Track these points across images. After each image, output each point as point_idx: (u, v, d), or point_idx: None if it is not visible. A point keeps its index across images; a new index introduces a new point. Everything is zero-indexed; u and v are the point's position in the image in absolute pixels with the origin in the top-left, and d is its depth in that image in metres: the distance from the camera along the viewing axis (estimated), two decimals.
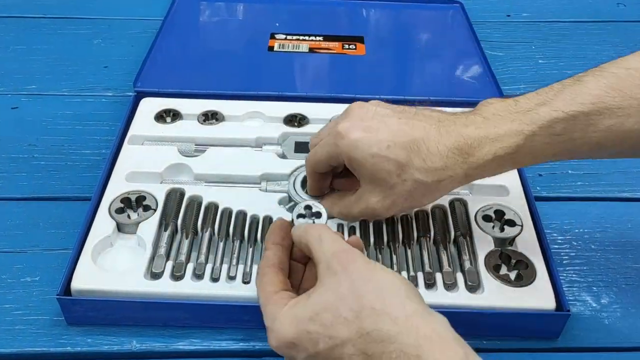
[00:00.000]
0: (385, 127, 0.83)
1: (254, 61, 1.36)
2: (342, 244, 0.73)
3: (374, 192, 0.86)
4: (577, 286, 0.97)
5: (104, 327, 0.89)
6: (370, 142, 0.82)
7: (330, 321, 0.67)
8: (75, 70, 1.38)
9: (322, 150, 0.88)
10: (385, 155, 0.81)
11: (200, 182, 1.04)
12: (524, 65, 1.46)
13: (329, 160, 0.88)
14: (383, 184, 0.84)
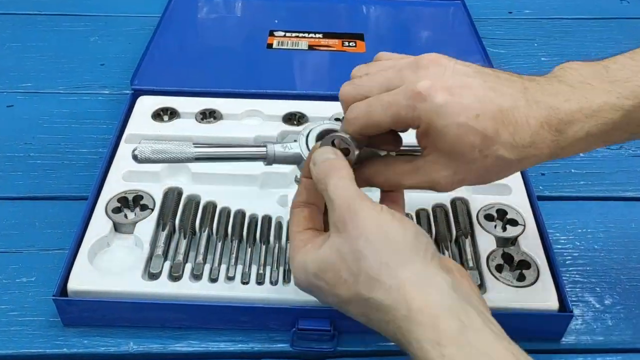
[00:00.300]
0: (469, 91, 0.69)
1: (253, 59, 1.36)
2: (347, 192, 0.68)
3: (445, 165, 0.71)
4: (580, 286, 0.97)
5: (101, 328, 0.89)
6: (457, 109, 0.68)
7: (333, 281, 0.68)
8: (72, 68, 1.38)
9: (388, 111, 0.71)
10: (473, 126, 0.67)
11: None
12: (526, 62, 1.46)
13: (394, 123, 0.72)
14: (460, 158, 0.70)
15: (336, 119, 1.14)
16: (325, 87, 1.26)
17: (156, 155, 0.78)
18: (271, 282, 0.89)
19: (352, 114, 0.73)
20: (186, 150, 0.78)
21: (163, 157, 0.79)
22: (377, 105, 0.72)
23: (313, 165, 0.73)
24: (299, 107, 1.18)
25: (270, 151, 0.80)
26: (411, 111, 0.69)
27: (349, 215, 0.67)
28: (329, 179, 0.70)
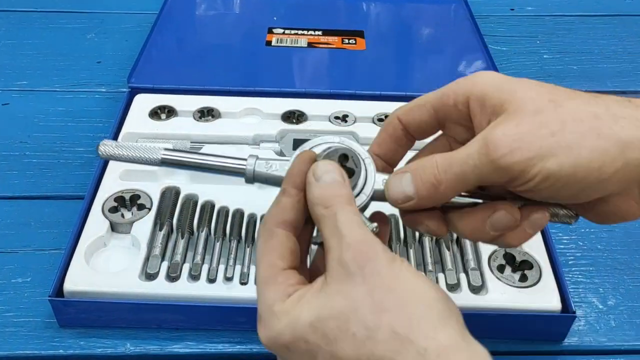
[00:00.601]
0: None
1: (251, 56, 1.36)
2: (362, 231, 0.58)
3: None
4: (583, 287, 0.97)
5: (97, 330, 0.89)
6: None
7: (334, 334, 0.55)
8: (68, 66, 1.38)
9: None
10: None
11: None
12: (528, 60, 1.46)
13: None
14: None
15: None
16: (324, 85, 1.26)
17: (119, 151, 0.71)
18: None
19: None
20: (153, 152, 0.70)
21: (126, 155, 0.71)
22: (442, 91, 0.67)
23: (314, 180, 0.62)
24: (298, 106, 1.18)
25: (250, 168, 0.67)
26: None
27: (365, 258, 0.56)
28: (339, 209, 0.59)
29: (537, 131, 0.57)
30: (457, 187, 0.61)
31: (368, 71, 1.33)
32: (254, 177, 0.67)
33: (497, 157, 0.57)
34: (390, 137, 0.69)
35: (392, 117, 0.69)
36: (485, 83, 0.63)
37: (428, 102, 0.66)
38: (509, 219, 0.63)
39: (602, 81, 1.39)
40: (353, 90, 1.22)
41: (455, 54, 1.40)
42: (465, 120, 0.65)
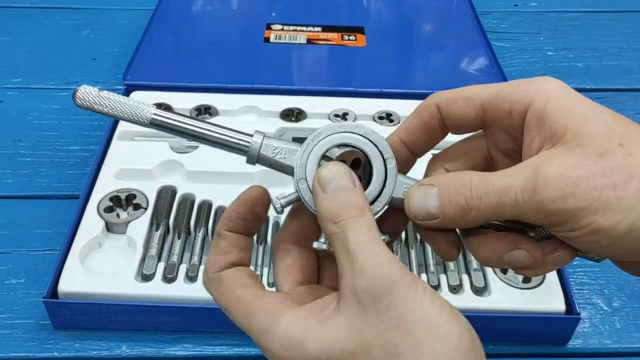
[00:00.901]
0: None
1: (249, 53, 1.36)
2: (377, 251, 0.51)
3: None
4: (587, 288, 0.97)
5: (93, 332, 0.89)
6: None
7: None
8: (62, 63, 1.38)
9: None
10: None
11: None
12: (531, 57, 1.46)
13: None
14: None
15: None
16: (324, 83, 1.26)
17: (101, 103, 0.61)
18: (269, 284, 0.89)
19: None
20: (142, 110, 0.60)
21: (108, 109, 0.61)
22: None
23: (320, 190, 0.55)
24: (297, 103, 1.18)
25: (254, 149, 0.60)
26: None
27: (381, 289, 0.49)
28: (349, 225, 0.53)
29: (598, 179, 0.51)
30: (489, 218, 0.55)
31: (368, 68, 1.33)
32: (257, 159, 0.60)
33: (545, 200, 0.51)
34: (423, 126, 0.61)
35: (430, 104, 0.61)
36: (550, 99, 0.55)
37: (478, 98, 0.59)
38: (529, 260, 0.58)
39: (607, 79, 1.39)
40: (353, 88, 1.22)
41: (458, 50, 1.40)
42: (515, 131, 0.58)
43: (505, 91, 0.58)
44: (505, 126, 0.58)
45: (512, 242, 0.58)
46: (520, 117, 0.57)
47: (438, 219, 0.56)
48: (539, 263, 0.58)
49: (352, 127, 0.58)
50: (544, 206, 0.51)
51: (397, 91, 1.22)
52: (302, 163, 0.58)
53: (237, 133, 0.60)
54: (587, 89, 1.36)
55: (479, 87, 0.59)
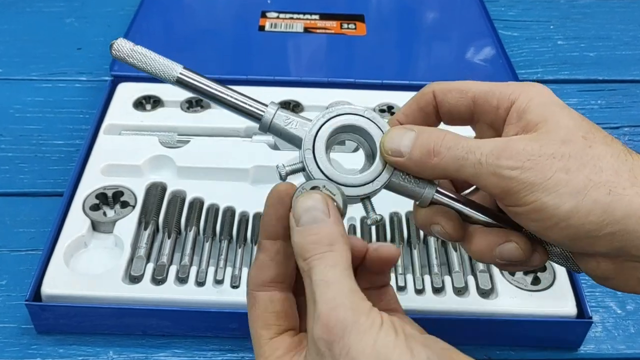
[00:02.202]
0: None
1: (243, 42, 1.36)
2: (335, 291, 0.55)
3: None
4: (600, 291, 0.97)
5: (78, 336, 0.89)
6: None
7: None
8: (46, 53, 1.38)
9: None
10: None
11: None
12: (541, 46, 1.46)
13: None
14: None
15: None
16: (322, 74, 1.26)
17: (133, 58, 0.71)
18: None
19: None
20: (170, 68, 0.71)
21: (140, 62, 0.71)
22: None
23: (294, 223, 0.60)
24: (293, 95, 1.18)
25: (267, 116, 0.67)
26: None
27: (334, 333, 0.53)
28: (315, 264, 0.57)
29: (555, 162, 0.58)
30: (449, 169, 0.62)
31: (369, 58, 1.33)
32: (269, 127, 0.67)
33: (505, 166, 0.59)
34: (419, 111, 0.69)
35: (428, 90, 0.68)
36: (532, 98, 0.63)
37: (471, 91, 0.66)
38: (519, 253, 0.65)
39: (621, 69, 1.39)
40: (353, 79, 1.22)
41: (462, 39, 1.40)
42: (499, 126, 0.65)
43: (497, 88, 0.65)
44: (491, 120, 0.66)
45: (503, 235, 0.65)
46: (505, 113, 0.64)
47: (404, 158, 0.63)
48: (528, 256, 0.65)
49: (362, 110, 0.65)
50: (501, 172, 0.59)
51: (398, 83, 1.22)
52: (311, 135, 0.65)
53: (254, 101, 0.69)
54: (600, 80, 1.36)
55: (475, 83, 0.67)
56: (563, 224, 0.58)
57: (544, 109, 0.62)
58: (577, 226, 0.58)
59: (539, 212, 0.58)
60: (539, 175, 0.58)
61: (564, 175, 0.58)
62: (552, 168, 0.58)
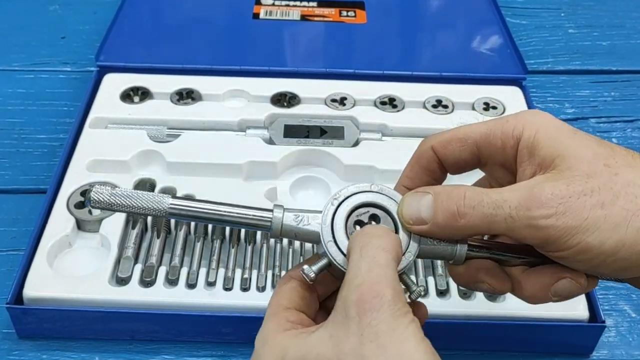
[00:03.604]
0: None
1: (236, 31, 1.35)
2: (380, 272, 0.59)
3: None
4: (613, 293, 0.97)
5: (62, 341, 0.89)
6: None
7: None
8: (27, 42, 1.38)
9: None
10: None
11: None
12: (551, 35, 1.46)
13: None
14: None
15: None
16: (319, 64, 1.26)
17: (116, 204, 0.67)
18: (258, 288, 0.89)
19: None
20: (159, 202, 0.68)
21: (124, 205, 0.68)
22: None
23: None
24: (289, 87, 1.18)
25: (277, 221, 0.67)
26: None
27: (368, 305, 0.57)
28: (367, 241, 0.62)
29: (587, 199, 0.59)
30: (479, 229, 0.63)
31: (369, 48, 1.33)
32: (281, 231, 0.67)
33: (538, 216, 0.59)
34: (424, 170, 0.71)
35: (426, 147, 0.70)
36: (538, 130, 0.64)
37: (471, 137, 0.68)
38: (576, 287, 0.65)
39: (635, 59, 1.39)
40: (352, 70, 1.22)
41: (468, 28, 1.40)
42: (510, 164, 0.67)
43: (497, 127, 0.67)
44: (501, 161, 0.68)
45: (553, 273, 0.65)
46: (513, 151, 0.66)
47: (428, 225, 0.64)
48: (585, 287, 0.66)
49: (368, 186, 0.67)
50: (537, 223, 0.59)
51: (401, 73, 1.22)
52: (327, 226, 0.65)
53: (257, 210, 0.68)
54: (613, 71, 1.36)
55: (471, 126, 0.69)
56: (611, 259, 0.59)
57: (554, 142, 0.63)
58: (625, 258, 0.59)
59: (584, 253, 0.60)
60: (576, 217, 0.59)
61: (600, 211, 0.59)
62: (587, 206, 0.59)
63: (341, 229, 0.65)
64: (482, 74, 1.23)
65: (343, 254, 0.64)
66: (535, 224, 0.59)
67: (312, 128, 1.10)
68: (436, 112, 1.15)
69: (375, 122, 1.12)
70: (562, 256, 0.61)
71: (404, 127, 1.12)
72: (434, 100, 1.17)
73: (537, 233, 0.60)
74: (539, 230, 0.59)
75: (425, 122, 1.12)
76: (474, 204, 0.62)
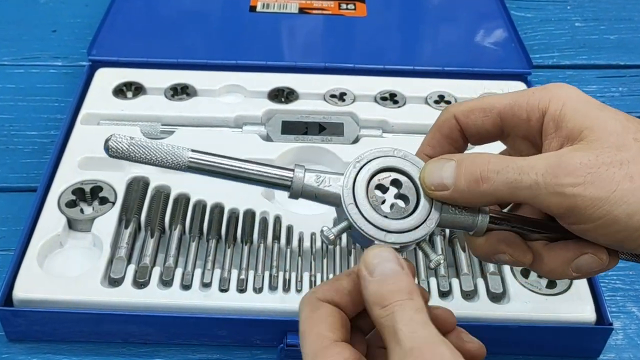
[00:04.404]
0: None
1: (233, 24, 1.35)
2: (424, 333, 0.57)
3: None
4: (621, 295, 0.97)
5: (53, 344, 0.89)
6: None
7: None
8: (18, 35, 1.38)
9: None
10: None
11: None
12: (557, 28, 1.46)
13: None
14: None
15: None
16: (318, 58, 1.26)
17: (134, 153, 0.69)
18: (255, 289, 0.89)
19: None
20: (179, 155, 0.68)
21: (143, 156, 0.69)
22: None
23: (367, 274, 0.61)
24: (287, 82, 1.18)
25: (298, 181, 0.67)
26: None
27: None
28: (397, 309, 0.59)
29: (616, 171, 0.59)
30: (502, 194, 0.62)
31: (369, 41, 1.33)
32: (301, 192, 0.67)
33: (567, 184, 0.59)
34: (445, 139, 0.71)
35: (448, 115, 0.70)
36: (565, 103, 0.64)
37: (495, 108, 0.68)
38: (598, 264, 0.65)
39: None
40: (352, 64, 1.22)
41: (471, 21, 1.40)
42: (534, 137, 0.67)
43: (522, 99, 0.67)
44: (524, 133, 0.68)
45: (576, 248, 0.65)
46: (538, 123, 0.66)
47: (449, 190, 0.64)
48: (606, 266, 0.66)
49: (392, 151, 0.67)
50: (564, 190, 0.59)
51: (402, 68, 1.22)
52: (348, 188, 0.65)
53: (278, 169, 0.68)
54: (621, 65, 1.36)
55: (495, 97, 0.68)
56: (637, 234, 0.59)
57: (582, 115, 0.63)
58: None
59: (610, 226, 0.59)
60: (604, 188, 0.58)
61: (630, 183, 0.58)
62: (615, 178, 0.58)
63: (362, 192, 0.65)
64: (485, 68, 1.23)
65: (364, 217, 0.64)
66: (562, 191, 0.59)
67: (311, 124, 1.10)
68: (438, 108, 1.15)
69: (376, 118, 1.12)
70: (586, 229, 0.61)
71: (405, 124, 1.12)
72: (436, 95, 1.17)
73: (563, 201, 0.59)
74: (566, 198, 0.59)
75: (427, 118, 1.12)
76: (498, 168, 0.62)
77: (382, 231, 0.64)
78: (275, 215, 0.97)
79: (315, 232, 0.95)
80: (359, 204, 0.65)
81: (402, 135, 1.10)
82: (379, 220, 0.64)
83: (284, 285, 0.89)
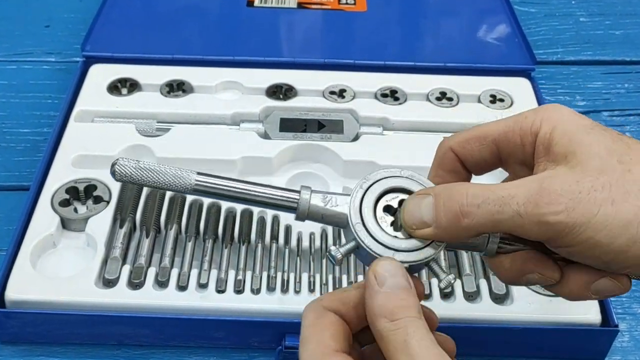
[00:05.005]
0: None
1: (230, 19, 1.35)
2: (436, 352, 0.58)
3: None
4: (627, 296, 0.97)
5: (46, 347, 0.89)
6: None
7: None
8: (10, 30, 1.38)
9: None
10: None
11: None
12: (561, 24, 1.46)
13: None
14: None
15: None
16: (317, 54, 1.26)
17: (139, 177, 0.70)
18: (252, 290, 0.89)
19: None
20: (185, 178, 0.69)
21: (149, 180, 0.70)
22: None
23: (376, 284, 0.62)
24: (285, 78, 1.18)
25: (304, 202, 0.69)
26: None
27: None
28: (410, 325, 0.60)
29: (598, 194, 0.59)
30: (484, 227, 0.62)
31: (370, 37, 1.33)
32: (308, 213, 0.69)
33: (548, 213, 0.59)
34: (447, 173, 0.72)
35: (445, 149, 0.71)
36: (556, 126, 0.65)
37: (489, 135, 0.69)
38: (617, 287, 0.65)
39: None
40: (352, 60, 1.22)
41: (474, 16, 1.40)
42: (530, 162, 0.67)
43: (515, 124, 0.67)
44: (521, 159, 0.68)
45: (597, 271, 0.64)
46: (532, 148, 0.66)
47: (431, 228, 0.64)
48: (624, 289, 0.66)
49: (399, 171, 0.68)
50: (546, 219, 0.59)
51: (403, 64, 1.22)
52: (355, 208, 0.67)
53: (284, 191, 0.70)
54: (627, 61, 1.36)
55: (489, 125, 0.69)
56: (621, 257, 0.60)
57: (569, 138, 0.63)
58: (637, 256, 0.59)
59: (593, 250, 0.60)
60: (586, 213, 0.59)
61: (611, 207, 0.59)
62: (597, 202, 0.59)
63: (370, 212, 0.66)
64: (488, 64, 1.23)
65: (371, 236, 0.65)
66: (545, 220, 0.59)
67: (310, 122, 1.10)
68: (440, 105, 1.15)
69: (376, 115, 1.12)
70: (571, 252, 0.61)
71: (406, 121, 1.12)
72: (438, 92, 1.17)
73: (546, 230, 0.60)
74: (549, 226, 0.59)
75: (429, 115, 1.12)
76: (478, 202, 0.61)
77: (390, 250, 0.65)
78: (273, 214, 0.96)
79: (315, 232, 0.95)
80: (366, 223, 0.66)
81: (402, 132, 1.10)
82: (386, 239, 0.65)
83: (282, 286, 0.89)
